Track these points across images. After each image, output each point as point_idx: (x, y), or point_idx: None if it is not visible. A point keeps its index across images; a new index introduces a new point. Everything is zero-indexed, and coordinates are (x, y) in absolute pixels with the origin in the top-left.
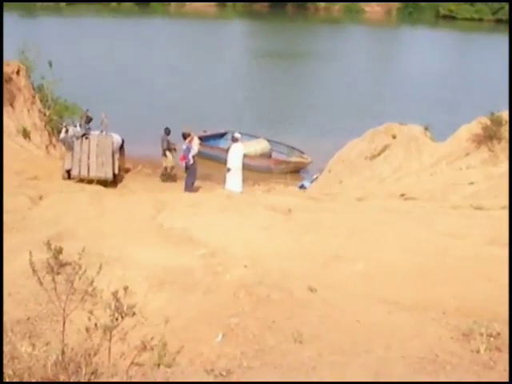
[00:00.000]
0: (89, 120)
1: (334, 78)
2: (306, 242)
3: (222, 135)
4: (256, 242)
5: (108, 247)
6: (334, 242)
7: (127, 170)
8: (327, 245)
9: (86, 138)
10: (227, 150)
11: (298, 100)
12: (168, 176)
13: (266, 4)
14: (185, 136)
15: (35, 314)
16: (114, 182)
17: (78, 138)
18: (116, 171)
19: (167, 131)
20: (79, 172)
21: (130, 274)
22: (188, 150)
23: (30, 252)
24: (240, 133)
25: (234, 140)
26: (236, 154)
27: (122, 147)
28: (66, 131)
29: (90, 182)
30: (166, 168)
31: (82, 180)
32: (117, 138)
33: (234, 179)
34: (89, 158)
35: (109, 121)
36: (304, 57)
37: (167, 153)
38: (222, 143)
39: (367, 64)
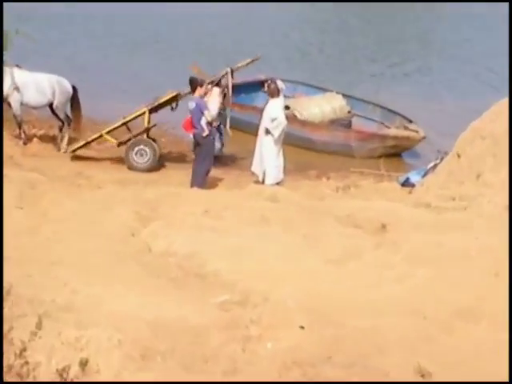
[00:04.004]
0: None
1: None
2: (414, 285)
3: (261, 84)
4: (321, 284)
5: (51, 285)
6: (467, 284)
7: (87, 143)
8: (453, 290)
9: None
10: (263, 110)
11: (397, 33)
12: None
13: None
14: (193, 85)
15: None
16: None
17: None
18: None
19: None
20: None
21: (89, 337)
22: (199, 110)
23: None
24: (296, 82)
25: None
26: (273, 114)
27: (74, 97)
28: None
29: None
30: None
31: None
32: (66, 85)
33: (266, 157)
34: None
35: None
36: None
37: None
38: (261, 99)
39: None
